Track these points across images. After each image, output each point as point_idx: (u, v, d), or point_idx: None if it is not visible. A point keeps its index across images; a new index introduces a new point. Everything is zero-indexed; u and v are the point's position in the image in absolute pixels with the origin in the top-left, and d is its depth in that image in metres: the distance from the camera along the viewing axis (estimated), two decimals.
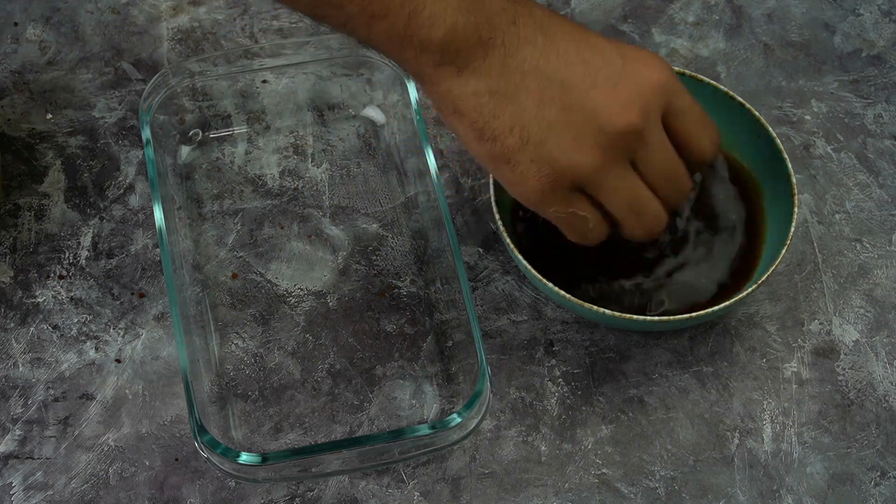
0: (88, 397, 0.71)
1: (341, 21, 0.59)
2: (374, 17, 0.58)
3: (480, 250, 0.76)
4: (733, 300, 0.68)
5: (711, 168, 0.75)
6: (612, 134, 0.60)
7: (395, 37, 0.59)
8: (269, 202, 0.78)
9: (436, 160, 0.73)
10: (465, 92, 0.60)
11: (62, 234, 0.76)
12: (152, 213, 0.76)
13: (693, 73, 0.74)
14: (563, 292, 0.68)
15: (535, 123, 0.60)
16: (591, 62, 0.60)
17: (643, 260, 0.72)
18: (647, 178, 0.63)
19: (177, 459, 0.69)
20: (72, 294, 0.74)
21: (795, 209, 0.70)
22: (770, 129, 0.73)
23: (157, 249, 0.75)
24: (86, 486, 0.69)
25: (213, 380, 0.71)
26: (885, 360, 0.73)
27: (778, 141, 0.72)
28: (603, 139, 0.60)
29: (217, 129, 0.80)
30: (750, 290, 0.68)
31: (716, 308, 0.68)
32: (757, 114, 0.73)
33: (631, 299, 0.71)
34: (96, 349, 0.73)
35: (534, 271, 0.68)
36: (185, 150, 0.79)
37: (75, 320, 0.73)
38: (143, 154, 0.77)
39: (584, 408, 0.71)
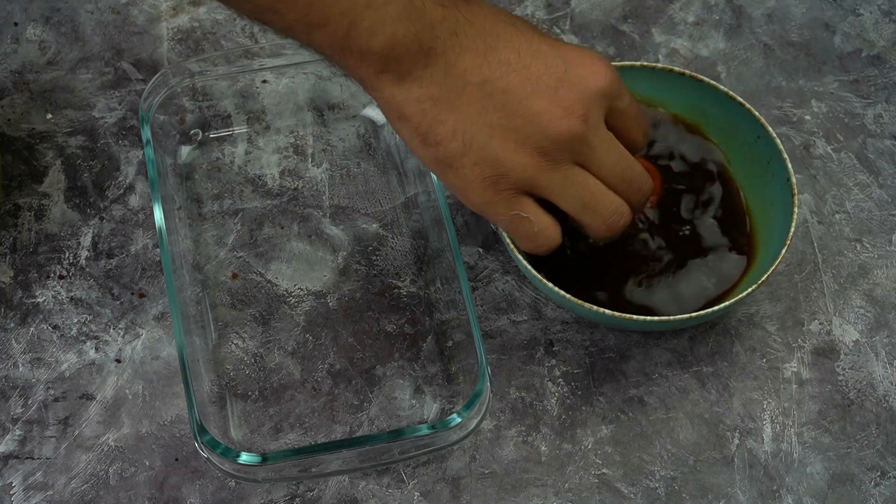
0: (88, 397, 0.71)
1: (282, 27, 0.59)
2: (313, 25, 0.58)
3: (480, 250, 0.76)
4: (733, 300, 0.68)
5: (711, 170, 0.75)
6: (553, 138, 0.61)
7: (335, 45, 0.59)
8: (269, 202, 0.78)
9: None
10: (408, 98, 0.60)
11: (62, 234, 0.76)
12: (152, 213, 0.76)
13: (693, 73, 0.74)
14: (562, 292, 0.68)
15: (478, 128, 0.61)
16: (531, 68, 0.61)
17: (643, 260, 0.72)
18: (600, 177, 0.63)
19: (177, 459, 0.69)
20: (72, 294, 0.74)
21: (795, 209, 0.70)
22: (770, 129, 0.73)
23: (157, 249, 0.75)
24: (86, 486, 0.69)
25: (213, 380, 0.71)
26: (885, 360, 0.73)
27: (778, 141, 0.72)
28: (545, 143, 0.61)
29: (217, 129, 0.80)
30: (750, 290, 0.68)
31: (716, 308, 0.68)
32: (757, 114, 0.73)
33: (631, 299, 0.71)
34: (96, 349, 0.73)
35: (534, 271, 0.68)
36: (185, 150, 0.79)
37: (75, 320, 0.73)
38: (143, 154, 0.77)
39: (584, 408, 0.71)
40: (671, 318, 0.67)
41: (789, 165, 0.72)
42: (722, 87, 0.74)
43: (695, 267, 0.72)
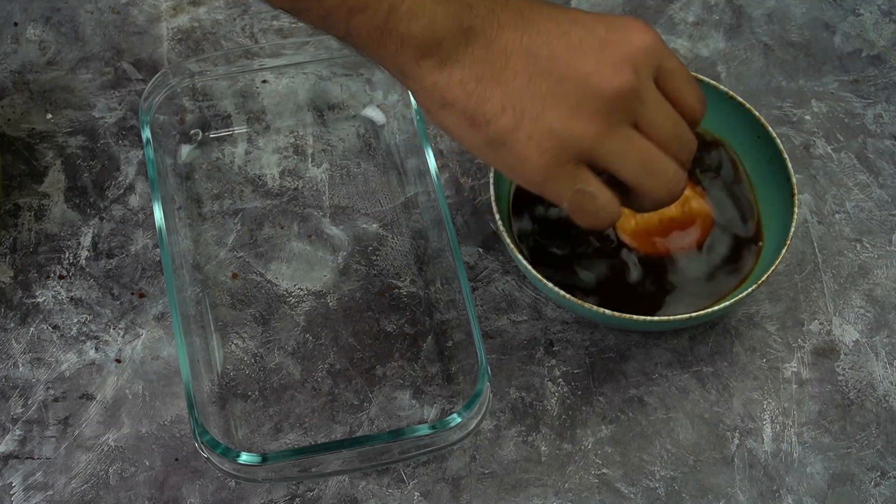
0: (88, 397, 0.71)
1: (320, 15, 0.58)
2: (352, 10, 0.57)
3: (480, 250, 0.76)
4: (733, 300, 0.68)
5: (716, 171, 0.75)
6: (608, 97, 0.59)
7: (374, 31, 0.58)
8: (269, 202, 0.78)
9: (436, 160, 0.73)
10: (451, 82, 0.59)
11: (62, 234, 0.76)
12: (152, 213, 0.76)
13: (693, 73, 0.74)
14: (563, 292, 0.68)
15: (528, 99, 0.59)
16: (573, 34, 0.60)
17: (643, 260, 0.72)
18: (653, 138, 0.61)
19: (177, 459, 0.69)
20: (72, 294, 0.74)
21: (795, 209, 0.70)
22: (770, 129, 0.73)
23: (157, 249, 0.75)
24: (86, 486, 0.69)
25: (213, 380, 0.71)
26: (885, 360, 0.73)
27: (778, 141, 0.72)
28: (600, 104, 0.59)
29: (217, 129, 0.80)
30: (750, 290, 0.68)
31: (716, 308, 0.68)
32: (757, 114, 0.73)
33: (631, 299, 0.71)
34: (96, 349, 0.73)
35: (534, 271, 0.68)
36: (185, 150, 0.79)
37: (75, 320, 0.73)
38: (143, 154, 0.77)
39: (584, 408, 0.71)
40: (671, 318, 0.67)
41: (789, 165, 0.72)
42: (722, 87, 0.74)
43: (695, 267, 0.72)
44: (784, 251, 0.69)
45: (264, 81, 0.81)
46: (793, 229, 0.70)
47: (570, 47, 0.59)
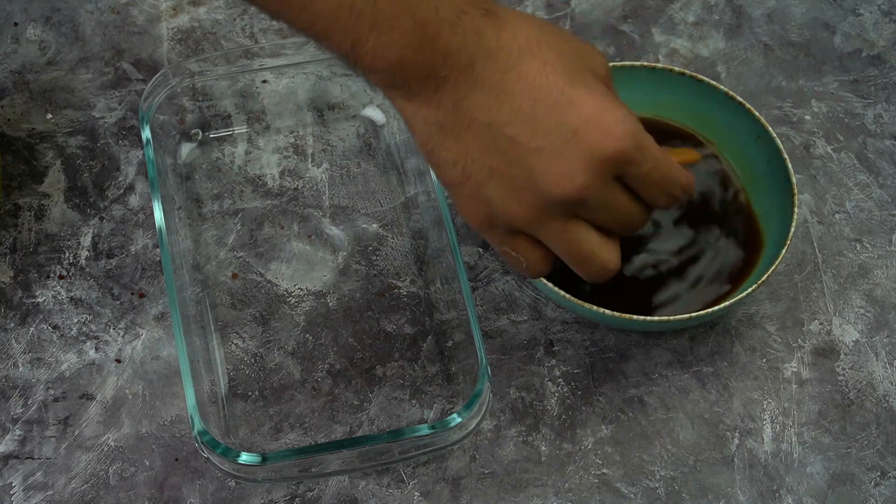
0: (88, 397, 0.71)
1: (301, 26, 0.58)
2: (318, 36, 0.57)
3: (480, 250, 0.76)
4: (733, 300, 0.68)
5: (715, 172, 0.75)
6: (548, 199, 0.59)
7: (342, 56, 0.58)
8: (269, 202, 0.78)
9: None
10: (416, 116, 0.59)
11: (62, 234, 0.76)
12: (152, 213, 0.76)
13: (693, 73, 0.74)
14: (563, 292, 0.68)
15: (478, 166, 0.59)
16: (542, 122, 0.58)
17: (643, 260, 0.72)
18: (594, 224, 0.61)
19: (177, 459, 0.69)
20: (72, 294, 0.74)
21: (795, 209, 0.70)
22: (770, 129, 0.73)
23: (157, 249, 0.75)
24: (86, 486, 0.69)
25: (213, 380, 0.71)
26: (885, 360, 0.73)
27: (778, 141, 0.72)
28: (540, 202, 0.59)
29: (217, 129, 0.80)
30: (750, 290, 0.68)
31: (716, 308, 0.68)
32: (757, 114, 0.73)
33: (631, 299, 0.71)
34: (96, 349, 0.73)
35: None
36: (185, 150, 0.79)
37: (75, 320, 0.73)
38: (143, 154, 0.77)
39: (584, 408, 0.71)
40: (671, 318, 0.67)
41: (789, 165, 0.72)
42: (722, 87, 0.74)
43: (695, 267, 0.72)
44: (784, 251, 0.69)
45: (264, 81, 0.81)
46: (793, 229, 0.70)
47: (533, 136, 0.58)
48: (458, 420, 0.65)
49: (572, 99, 0.58)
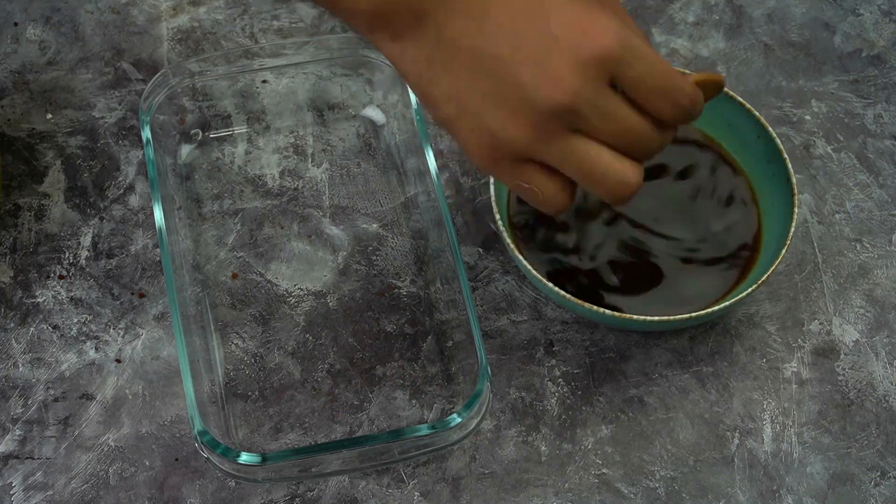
0: (88, 397, 0.71)
1: None
2: None
3: (480, 250, 0.76)
4: (733, 300, 0.68)
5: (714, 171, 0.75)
6: (542, 111, 0.57)
7: (324, 2, 0.57)
8: (269, 202, 0.78)
9: (436, 160, 0.73)
10: (404, 57, 0.58)
11: (62, 234, 0.76)
12: (152, 213, 0.76)
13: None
14: (563, 292, 0.68)
15: (470, 95, 0.58)
16: (524, 34, 0.56)
17: (643, 260, 0.72)
18: (602, 142, 0.59)
19: (177, 459, 0.69)
20: (72, 294, 0.74)
21: (795, 209, 0.70)
22: (770, 129, 0.73)
23: (157, 249, 0.75)
24: (86, 486, 0.69)
25: (213, 380, 0.71)
26: (885, 360, 0.73)
27: (778, 141, 0.72)
28: (535, 116, 0.57)
29: (217, 129, 0.80)
30: (750, 290, 0.68)
31: (716, 308, 0.68)
32: (757, 114, 0.73)
33: (630, 299, 0.71)
34: (96, 349, 0.73)
35: (534, 271, 0.68)
36: (185, 150, 0.79)
37: (75, 320, 0.73)
38: (143, 154, 0.77)
39: (584, 408, 0.71)
40: (671, 318, 0.67)
41: (789, 165, 0.72)
42: None
43: (695, 267, 0.72)
44: (784, 251, 0.69)
45: (264, 81, 0.81)
46: (793, 229, 0.70)
47: (517, 50, 0.57)
48: (458, 420, 0.65)
49: (551, 7, 0.57)
